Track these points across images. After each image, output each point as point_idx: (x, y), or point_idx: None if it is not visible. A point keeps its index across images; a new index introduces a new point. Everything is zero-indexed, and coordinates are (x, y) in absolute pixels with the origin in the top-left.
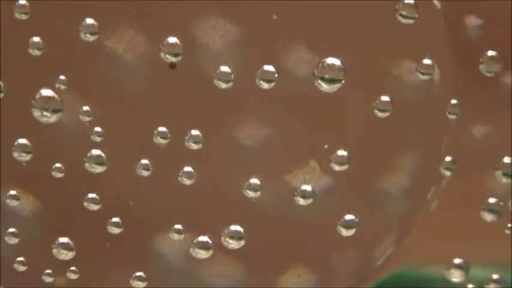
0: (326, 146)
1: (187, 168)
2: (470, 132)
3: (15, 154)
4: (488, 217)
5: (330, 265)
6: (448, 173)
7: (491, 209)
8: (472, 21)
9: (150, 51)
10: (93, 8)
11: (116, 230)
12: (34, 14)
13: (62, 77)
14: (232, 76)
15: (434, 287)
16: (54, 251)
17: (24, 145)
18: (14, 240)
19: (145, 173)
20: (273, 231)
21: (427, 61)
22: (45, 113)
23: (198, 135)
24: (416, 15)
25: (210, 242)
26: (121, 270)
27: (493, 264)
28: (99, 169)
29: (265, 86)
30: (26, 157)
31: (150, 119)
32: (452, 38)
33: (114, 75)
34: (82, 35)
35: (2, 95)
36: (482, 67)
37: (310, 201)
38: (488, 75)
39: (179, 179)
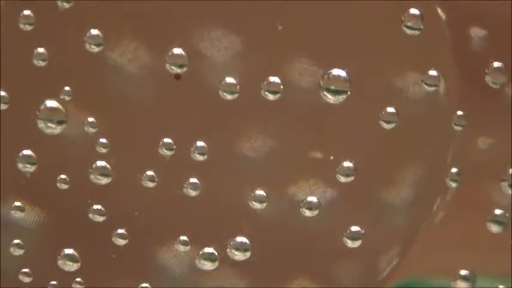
0: (332, 158)
1: (193, 180)
2: (476, 144)
3: (20, 165)
4: (494, 228)
5: (336, 276)
6: (453, 184)
7: (497, 220)
8: (478, 32)
9: (155, 62)
10: (98, 19)
11: (121, 242)
12: (39, 25)
13: (67, 88)
14: (238, 87)
15: None
16: (60, 262)
17: (29, 156)
18: (19, 252)
19: (151, 185)
20: (278, 243)
21: (432, 72)
22: (49, 124)
23: (203, 147)
24: (422, 27)
25: (216, 253)
26: (126, 281)
27: (499, 275)
28: (104, 180)
29: (270, 97)
30: (30, 168)
31: (155, 130)
32: (457, 50)
33: (119, 87)
34: (87, 46)
35: (6, 106)
36: (487, 78)
37: (315, 212)
38: (494, 86)
39: (184, 190)
